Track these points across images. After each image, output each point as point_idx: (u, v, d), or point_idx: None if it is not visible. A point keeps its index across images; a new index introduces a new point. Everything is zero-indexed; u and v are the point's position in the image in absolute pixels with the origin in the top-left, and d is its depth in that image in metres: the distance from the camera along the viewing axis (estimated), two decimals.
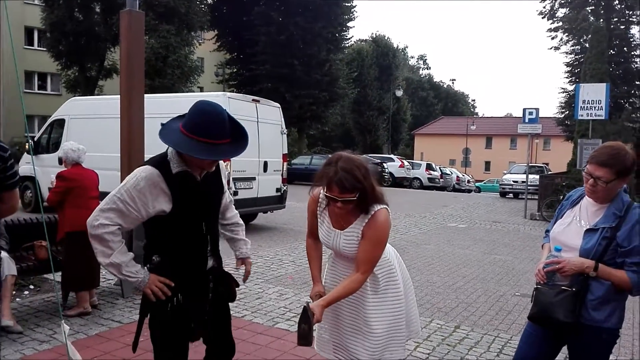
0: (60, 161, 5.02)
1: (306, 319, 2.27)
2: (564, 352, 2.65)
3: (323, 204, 2.54)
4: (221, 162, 2.58)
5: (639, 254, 2.32)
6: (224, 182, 2.61)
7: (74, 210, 4.71)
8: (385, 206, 2.43)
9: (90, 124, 10.82)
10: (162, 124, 2.35)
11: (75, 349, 3.95)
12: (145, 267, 2.36)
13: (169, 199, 2.26)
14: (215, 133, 2.21)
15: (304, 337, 2.29)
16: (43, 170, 10.37)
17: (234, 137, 2.31)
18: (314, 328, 2.33)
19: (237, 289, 2.65)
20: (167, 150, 2.33)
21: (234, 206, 2.80)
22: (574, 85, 20.07)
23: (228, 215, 2.74)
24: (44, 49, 27.22)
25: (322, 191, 2.49)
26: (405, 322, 2.58)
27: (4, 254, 4.33)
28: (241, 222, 2.81)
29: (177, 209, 2.28)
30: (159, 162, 2.30)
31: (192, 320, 2.42)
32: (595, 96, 13.98)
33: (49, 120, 12.05)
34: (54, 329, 4.37)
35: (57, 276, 5.47)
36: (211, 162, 2.33)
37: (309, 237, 2.70)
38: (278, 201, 10.86)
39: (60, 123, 11.61)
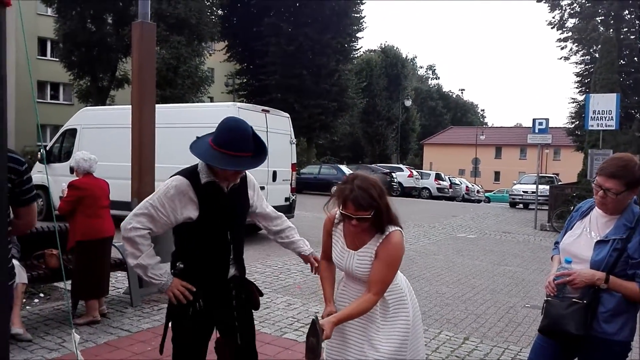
0: (72, 170, 5.07)
1: (315, 332, 2.27)
2: None
3: (339, 224, 2.55)
4: (251, 176, 2.73)
5: None
6: (252, 194, 2.72)
7: (85, 219, 4.75)
8: (400, 229, 2.44)
9: (102, 134, 10.93)
10: (197, 137, 2.53)
11: (84, 357, 3.97)
12: (170, 272, 2.52)
13: (197, 207, 2.43)
14: (238, 146, 2.37)
15: (312, 350, 2.28)
16: (55, 179, 10.46)
17: (256, 151, 2.46)
18: (322, 345, 2.32)
19: (260, 297, 2.72)
20: (198, 163, 2.51)
21: (281, 214, 2.90)
22: (584, 96, 20.02)
23: (276, 222, 2.86)
24: (57, 59, 27.51)
25: (338, 211, 2.51)
26: (410, 349, 2.53)
27: (15, 262, 4.36)
28: (292, 225, 2.93)
29: (203, 217, 2.44)
30: (190, 172, 2.49)
31: (216, 325, 2.56)
32: (605, 106, 13.92)
33: (61, 130, 12.19)
34: (64, 337, 4.40)
35: (68, 284, 5.53)
36: (234, 172, 2.47)
37: (323, 258, 2.70)
38: (287, 210, 10.86)
39: (73, 132, 11.74)
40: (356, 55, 35.81)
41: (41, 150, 12.33)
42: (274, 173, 10.22)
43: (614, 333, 2.37)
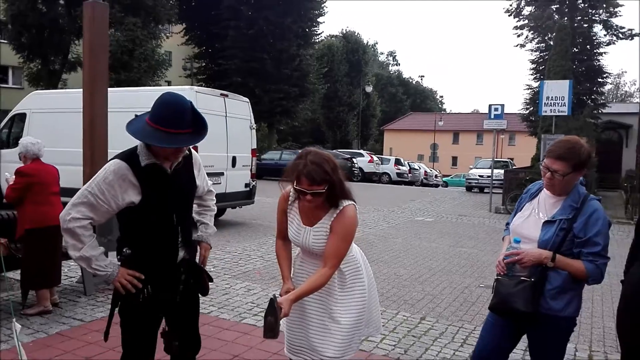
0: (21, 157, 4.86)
1: (273, 311, 2.27)
2: (524, 340, 2.72)
3: (293, 200, 2.55)
4: (196, 154, 2.65)
5: (595, 245, 2.39)
6: (198, 173, 2.64)
7: (35, 206, 4.57)
8: (353, 202, 2.47)
9: (52, 119, 10.51)
10: (136, 115, 2.40)
11: (36, 348, 3.86)
12: (117, 259, 2.43)
13: (138, 191, 2.32)
14: (175, 123, 2.26)
15: (271, 329, 2.28)
16: (4, 165, 10.05)
17: (195, 127, 2.35)
18: (280, 323, 2.32)
19: (210, 283, 2.67)
20: (138, 144, 2.39)
21: (213, 193, 2.85)
22: (538, 82, 20.54)
23: (204, 197, 2.80)
24: (5, 42, 26.27)
25: (292, 189, 2.51)
26: (366, 319, 2.61)
27: None
28: (214, 207, 2.86)
29: (146, 201, 2.34)
30: (128, 155, 2.37)
31: (160, 311, 2.48)
32: (558, 92, 14.36)
33: (10, 115, 11.66)
34: (13, 330, 4.24)
35: (13, 274, 5.33)
36: (174, 151, 2.36)
37: (279, 237, 2.71)
38: (247, 197, 10.78)
39: (22, 117, 11.25)
40: (317, 40, 35.61)
41: None
42: (234, 159, 10.10)
43: (560, 309, 2.46)
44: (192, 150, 2.62)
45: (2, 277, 5.45)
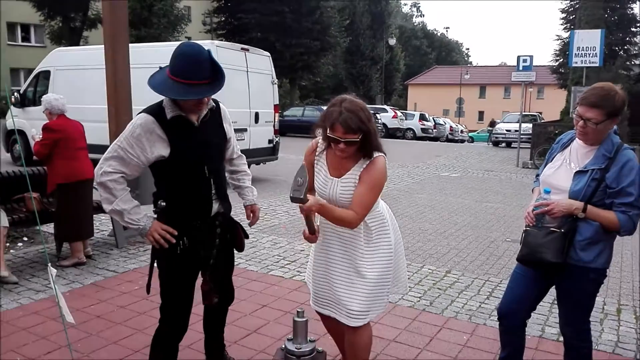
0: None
1: (302, 173, 2.23)
2: (551, 293, 2.71)
3: (322, 151, 2.52)
4: (224, 108, 2.62)
5: (628, 195, 2.33)
6: (227, 127, 2.63)
7: (64, 161, 4.66)
8: (383, 154, 2.44)
9: (76, 75, 10.59)
10: (160, 67, 2.38)
11: (72, 298, 4.01)
12: (152, 212, 2.46)
13: (167, 144, 2.33)
14: (193, 73, 2.24)
15: (297, 189, 2.20)
16: (31, 123, 10.23)
17: (214, 77, 2.32)
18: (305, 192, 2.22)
19: (245, 239, 2.72)
20: (163, 98, 2.38)
21: (243, 157, 2.84)
22: (568, 32, 19.75)
23: (235, 162, 2.80)
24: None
25: (319, 140, 2.49)
26: (393, 277, 2.60)
27: None
28: (248, 170, 2.87)
29: (175, 153, 2.35)
30: (154, 109, 2.37)
31: (197, 265, 2.53)
32: (589, 43, 13.81)
33: (34, 72, 11.78)
34: (50, 279, 4.41)
35: (47, 228, 5.50)
36: (197, 102, 2.34)
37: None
38: (270, 153, 10.81)
39: (46, 75, 11.36)
40: None
41: (14, 94, 11.92)
42: (256, 114, 10.08)
43: (590, 261, 2.42)
44: (220, 103, 2.60)
45: (37, 231, 5.64)
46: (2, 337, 3.34)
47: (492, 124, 31.17)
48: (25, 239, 5.65)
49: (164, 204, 2.42)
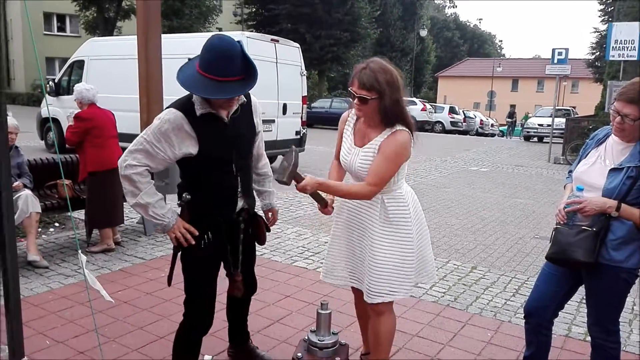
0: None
1: (290, 157, 2.26)
2: (579, 292, 2.64)
3: (352, 121, 2.56)
4: (255, 100, 2.56)
5: None
6: (257, 122, 2.57)
7: (95, 150, 4.75)
8: (409, 131, 2.39)
9: (109, 65, 10.78)
10: (189, 59, 2.33)
11: (100, 282, 4.09)
12: (177, 205, 2.43)
13: (195, 142, 2.27)
14: (224, 69, 2.14)
15: (282, 173, 2.26)
16: (65, 111, 10.48)
17: (246, 73, 2.22)
18: (292, 170, 2.29)
19: (267, 233, 2.71)
20: None
21: (265, 156, 2.78)
22: (606, 25, 19.15)
23: (259, 164, 2.74)
24: None
25: (352, 111, 2.53)
26: (416, 268, 2.56)
27: (28, 191, 4.44)
28: (270, 173, 2.81)
29: (203, 151, 2.28)
30: (184, 104, 2.29)
31: (221, 258, 2.52)
32: (628, 36, 13.35)
33: (69, 62, 12.03)
34: (79, 264, 4.52)
35: (78, 214, 5.63)
36: (228, 100, 2.27)
37: (335, 158, 2.71)
38: (298, 144, 10.81)
39: (80, 64, 11.60)
40: None
41: (49, 83, 12.22)
42: (284, 106, 10.09)
43: (622, 260, 2.35)
44: (252, 96, 2.54)
45: (69, 217, 5.79)
46: (32, 320, 3.44)
47: (511, 115, 30.53)
48: (56, 224, 5.80)
49: (189, 196, 2.38)
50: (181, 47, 9.19)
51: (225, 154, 2.36)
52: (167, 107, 2.32)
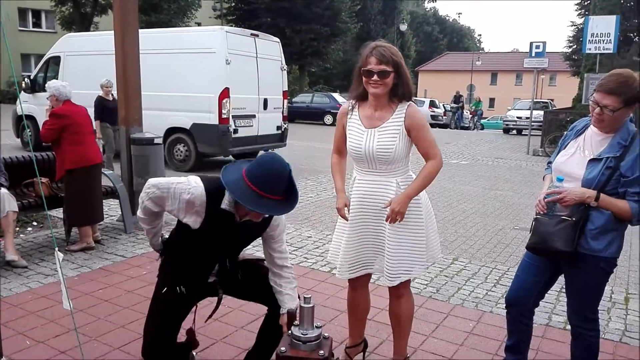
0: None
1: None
2: (559, 282, 2.68)
3: (353, 108, 2.61)
4: (282, 220, 2.52)
5: None
6: (273, 233, 2.51)
7: (72, 147, 4.67)
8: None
9: (86, 61, 10.61)
10: (234, 160, 2.31)
11: (81, 281, 4.04)
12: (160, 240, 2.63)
13: (199, 222, 2.32)
14: (270, 188, 2.17)
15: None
16: (41, 109, 10.27)
17: (287, 196, 2.25)
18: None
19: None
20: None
21: (290, 267, 2.64)
22: (583, 18, 19.43)
23: (282, 275, 2.58)
24: None
25: (351, 101, 2.62)
26: (427, 244, 2.68)
27: (3, 190, 4.34)
28: (294, 280, 2.65)
29: (201, 234, 2.35)
30: (214, 191, 2.29)
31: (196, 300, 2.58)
32: (604, 29, 13.54)
33: (45, 58, 11.80)
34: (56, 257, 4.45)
35: (57, 212, 5.53)
36: (257, 213, 2.27)
37: (335, 152, 2.77)
38: (279, 139, 10.78)
39: (56, 61, 11.39)
40: None
41: (25, 80, 11.97)
42: (265, 101, 10.03)
43: (601, 250, 2.38)
44: (282, 216, 2.50)
45: (46, 216, 5.68)
46: (11, 320, 3.37)
47: (457, 99, 30.78)
48: (34, 223, 5.70)
49: (166, 237, 2.58)
50: (159, 43, 9.10)
51: (218, 246, 2.43)
52: (201, 181, 2.31)
